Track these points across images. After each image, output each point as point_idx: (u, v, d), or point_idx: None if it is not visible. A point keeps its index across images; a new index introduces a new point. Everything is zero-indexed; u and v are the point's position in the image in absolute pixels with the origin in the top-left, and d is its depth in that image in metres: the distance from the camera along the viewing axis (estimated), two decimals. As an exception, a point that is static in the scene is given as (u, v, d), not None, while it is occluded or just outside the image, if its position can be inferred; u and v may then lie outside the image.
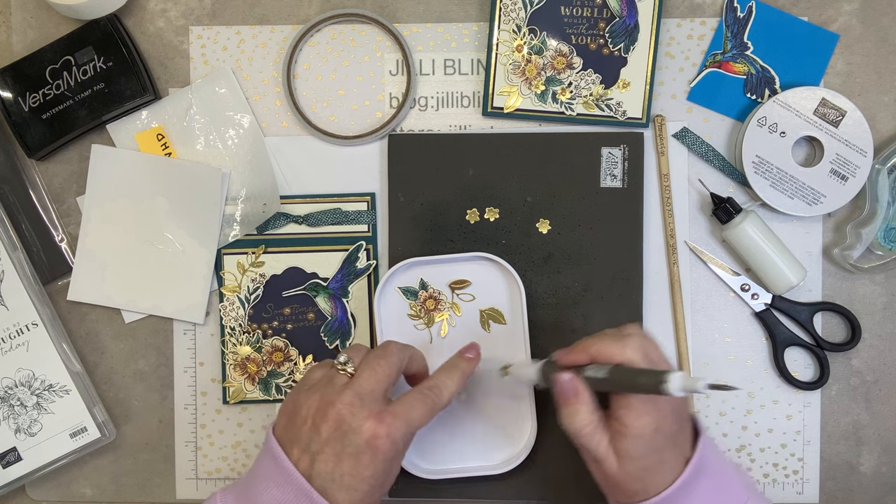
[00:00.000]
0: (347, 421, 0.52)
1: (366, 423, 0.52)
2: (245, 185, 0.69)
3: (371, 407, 0.53)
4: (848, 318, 0.68)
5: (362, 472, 0.52)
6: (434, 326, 0.67)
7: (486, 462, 0.67)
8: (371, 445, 0.52)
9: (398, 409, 0.53)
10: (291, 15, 0.70)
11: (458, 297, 0.67)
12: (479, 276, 0.67)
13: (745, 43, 0.68)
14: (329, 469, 0.52)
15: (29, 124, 0.67)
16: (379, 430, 0.52)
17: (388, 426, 0.52)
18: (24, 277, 0.68)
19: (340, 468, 0.51)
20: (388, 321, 0.67)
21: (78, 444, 0.68)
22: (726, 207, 0.66)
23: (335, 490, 0.51)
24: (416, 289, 0.67)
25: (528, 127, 0.69)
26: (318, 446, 0.52)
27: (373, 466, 0.52)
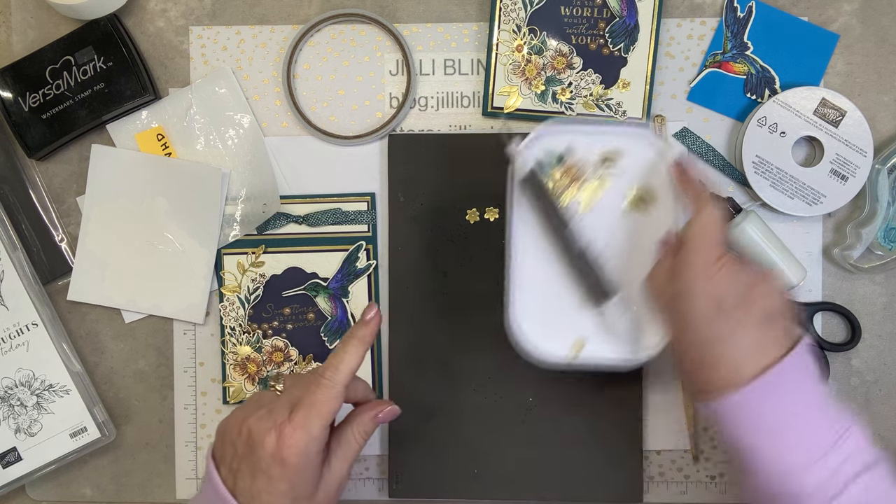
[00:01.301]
0: (254, 436, 0.51)
1: (267, 437, 0.50)
2: (245, 185, 0.69)
3: (274, 418, 0.51)
4: (848, 318, 0.68)
5: (277, 486, 0.50)
6: (574, 201, 0.62)
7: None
8: (278, 459, 0.50)
9: (296, 418, 0.51)
10: (291, 15, 0.70)
11: (606, 170, 0.62)
12: (631, 151, 0.62)
13: (745, 43, 0.68)
14: (247, 486, 0.51)
15: (29, 124, 0.67)
16: (281, 443, 0.50)
17: (288, 438, 0.50)
18: (24, 277, 0.68)
19: (256, 485, 0.50)
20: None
21: (78, 444, 0.68)
22: (726, 207, 0.66)
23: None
24: (560, 153, 0.62)
25: (528, 127, 0.69)
26: (237, 463, 0.52)
27: (286, 479, 0.50)
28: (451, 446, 0.68)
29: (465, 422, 0.68)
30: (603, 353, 0.61)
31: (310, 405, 0.51)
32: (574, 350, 0.61)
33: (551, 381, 0.67)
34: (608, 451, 0.67)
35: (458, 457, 0.68)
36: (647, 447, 0.69)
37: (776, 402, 0.51)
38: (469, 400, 0.67)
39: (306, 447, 0.50)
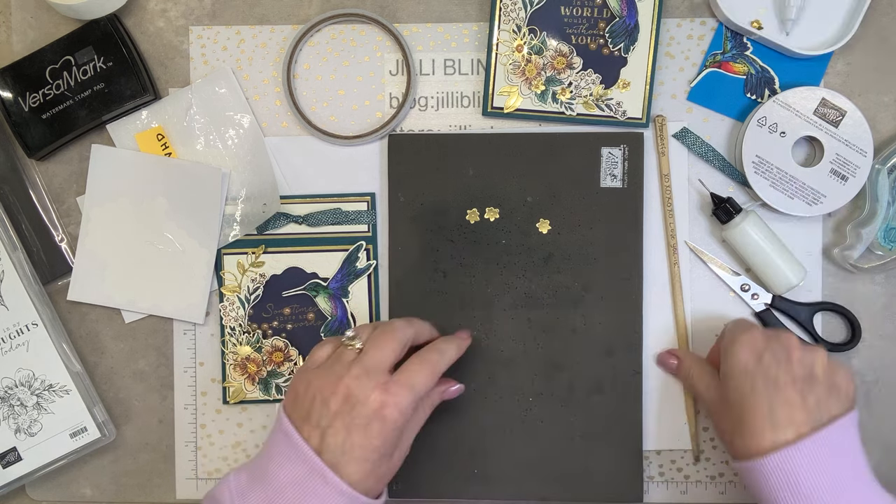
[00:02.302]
0: (355, 394, 0.54)
1: (372, 395, 0.54)
2: (245, 185, 0.69)
3: (377, 379, 0.55)
4: (848, 318, 0.68)
5: (372, 441, 0.54)
6: None
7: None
8: (379, 415, 0.54)
9: (402, 379, 0.56)
10: (291, 15, 0.70)
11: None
12: None
13: (744, 43, 0.68)
14: (339, 442, 0.53)
15: (29, 124, 0.67)
16: (386, 399, 0.54)
17: (394, 395, 0.54)
18: (24, 277, 0.68)
19: (351, 440, 0.53)
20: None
21: (78, 444, 0.68)
22: (726, 207, 0.66)
23: (346, 462, 0.53)
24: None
25: (528, 127, 0.69)
26: (328, 420, 0.54)
27: (382, 436, 0.54)
28: (451, 446, 0.67)
29: (465, 422, 0.68)
30: None
31: (412, 372, 0.57)
32: None
33: (552, 381, 0.67)
34: (608, 450, 0.67)
35: (458, 457, 0.68)
36: (647, 447, 0.69)
37: (816, 469, 0.51)
38: (469, 400, 0.67)
39: (406, 408, 0.55)
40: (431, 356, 0.59)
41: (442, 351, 0.60)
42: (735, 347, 0.58)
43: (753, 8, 0.67)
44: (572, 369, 0.67)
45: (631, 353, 0.67)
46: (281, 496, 0.53)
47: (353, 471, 0.53)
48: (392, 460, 0.57)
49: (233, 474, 0.56)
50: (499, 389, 0.68)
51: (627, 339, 0.67)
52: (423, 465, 0.67)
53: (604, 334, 0.67)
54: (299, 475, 0.53)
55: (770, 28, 0.67)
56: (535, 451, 0.67)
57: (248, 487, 0.54)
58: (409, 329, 0.60)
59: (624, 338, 0.67)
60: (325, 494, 0.53)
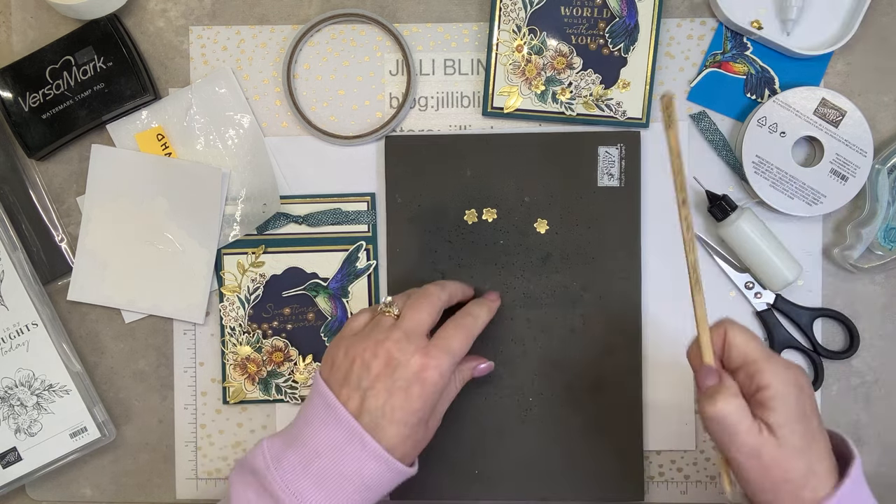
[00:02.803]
0: (396, 357, 0.55)
1: (413, 358, 0.55)
2: (245, 185, 0.69)
3: (417, 343, 0.56)
4: (847, 326, 0.68)
5: (412, 404, 0.55)
6: None
7: None
8: (420, 378, 0.55)
9: (440, 343, 0.57)
10: (291, 15, 0.70)
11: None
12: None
13: (744, 43, 0.68)
14: (380, 404, 0.54)
15: (29, 124, 0.67)
16: (426, 362, 0.55)
17: (435, 359, 0.56)
18: (24, 277, 0.68)
19: (391, 402, 0.54)
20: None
21: (78, 444, 0.68)
22: (721, 205, 0.66)
23: (386, 425, 0.54)
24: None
25: (528, 127, 0.69)
26: (369, 382, 0.55)
27: (422, 398, 0.55)
28: (452, 446, 0.67)
29: (465, 422, 0.68)
30: None
31: (449, 337, 0.58)
32: None
33: (552, 381, 0.67)
34: (608, 450, 0.67)
35: (459, 457, 0.68)
36: (647, 447, 0.69)
37: None
38: (469, 400, 0.67)
39: (446, 371, 0.56)
40: (466, 321, 0.60)
41: (475, 315, 0.61)
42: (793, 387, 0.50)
43: (753, 8, 0.67)
44: (572, 369, 0.67)
45: (631, 352, 0.67)
46: (317, 458, 0.54)
47: (393, 433, 0.54)
48: (428, 428, 0.58)
49: (266, 441, 0.56)
50: (499, 389, 0.68)
51: (627, 339, 0.67)
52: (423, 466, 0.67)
53: (603, 334, 0.67)
54: (337, 439, 0.54)
55: (770, 28, 0.67)
56: (535, 451, 0.67)
57: (283, 451, 0.55)
58: (443, 293, 0.61)
59: (623, 337, 0.67)
60: (362, 458, 0.54)
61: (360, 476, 0.54)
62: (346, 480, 0.54)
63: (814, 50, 0.66)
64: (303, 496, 0.53)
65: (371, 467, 0.54)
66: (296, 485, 0.53)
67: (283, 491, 0.53)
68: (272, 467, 0.54)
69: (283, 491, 0.53)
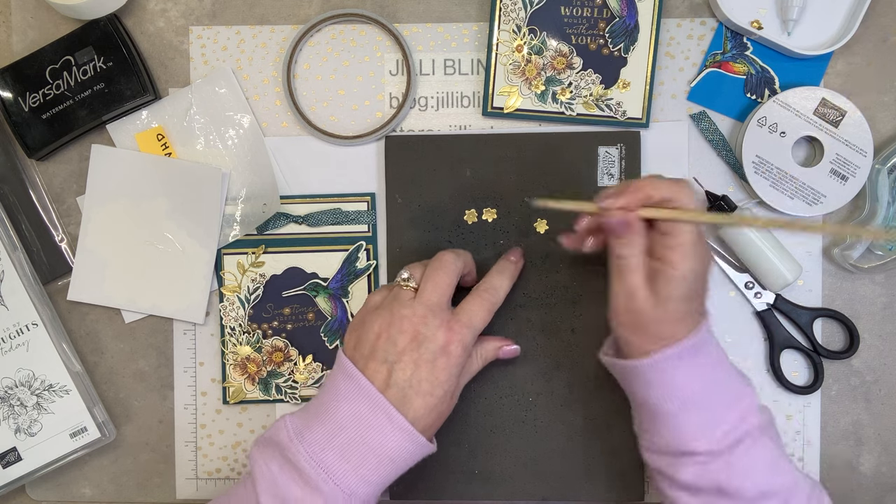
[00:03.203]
0: (422, 332, 0.57)
1: (438, 332, 0.57)
2: (245, 185, 0.69)
3: (441, 317, 0.57)
4: (847, 326, 0.68)
5: (438, 375, 0.56)
6: None
7: None
8: (445, 351, 0.57)
9: (463, 318, 0.58)
10: (291, 15, 0.70)
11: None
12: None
13: (744, 43, 0.68)
14: (407, 376, 0.56)
15: (29, 124, 0.67)
16: (451, 336, 0.57)
17: (458, 333, 0.57)
18: (24, 277, 0.68)
19: (418, 374, 0.56)
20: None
21: (78, 444, 0.68)
22: (721, 206, 0.66)
23: (412, 396, 0.55)
24: None
25: (527, 127, 0.69)
26: (396, 356, 0.56)
27: (447, 370, 0.56)
28: (452, 446, 0.67)
29: (465, 422, 0.68)
30: None
31: (472, 311, 0.59)
32: None
33: (551, 381, 0.67)
34: (609, 450, 0.67)
35: (459, 457, 0.68)
36: (647, 447, 0.69)
37: (693, 369, 0.55)
38: (469, 400, 0.67)
39: (469, 343, 0.58)
40: (487, 293, 0.61)
41: (496, 287, 0.62)
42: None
43: (753, 8, 0.67)
44: (572, 369, 0.67)
45: (631, 353, 0.67)
46: (342, 431, 0.54)
47: (420, 405, 0.55)
48: (451, 401, 0.59)
49: (288, 416, 0.57)
50: (499, 389, 0.68)
51: (627, 339, 0.67)
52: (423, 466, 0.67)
53: (603, 334, 0.67)
54: (362, 412, 0.55)
55: (770, 28, 0.67)
56: (535, 451, 0.67)
57: (306, 425, 0.55)
58: (459, 261, 0.61)
59: (624, 338, 0.67)
60: (387, 430, 0.55)
61: (384, 448, 0.54)
62: (371, 452, 0.54)
63: (814, 50, 0.66)
64: (328, 467, 0.53)
65: (396, 439, 0.55)
66: (321, 456, 0.54)
67: (307, 462, 0.53)
68: (296, 440, 0.54)
69: (307, 462, 0.53)
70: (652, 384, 0.55)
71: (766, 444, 0.55)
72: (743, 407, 0.55)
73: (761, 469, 0.55)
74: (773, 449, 0.56)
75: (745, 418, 0.55)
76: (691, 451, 0.54)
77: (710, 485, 0.55)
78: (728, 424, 0.55)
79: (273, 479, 0.54)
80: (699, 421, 0.55)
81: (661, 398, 0.55)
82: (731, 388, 0.56)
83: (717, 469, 0.54)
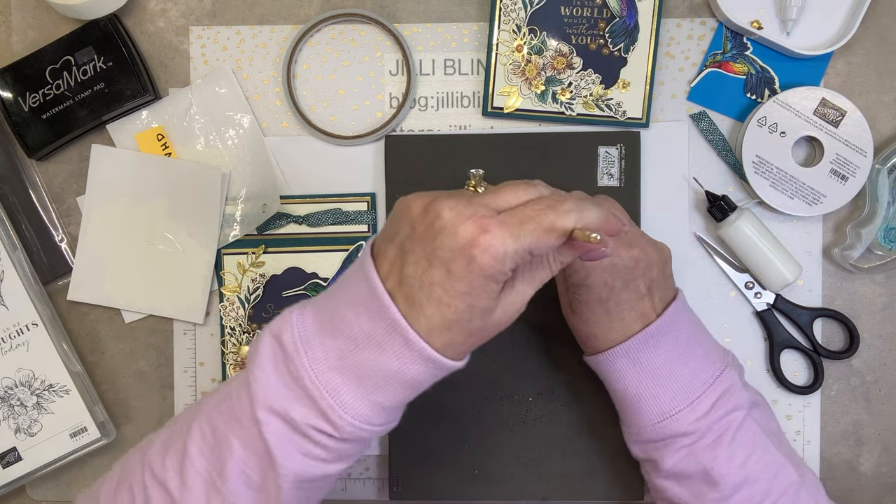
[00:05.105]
0: (444, 218, 0.44)
1: (463, 225, 0.43)
2: (245, 185, 0.69)
3: (477, 210, 0.44)
4: (847, 326, 0.68)
5: (455, 284, 0.43)
6: None
7: None
8: (466, 254, 0.43)
9: (509, 220, 0.43)
10: (291, 15, 0.70)
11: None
12: None
13: (744, 43, 0.68)
14: (418, 274, 0.44)
15: (29, 124, 0.67)
16: (477, 238, 0.42)
17: (491, 235, 0.42)
18: (24, 277, 0.68)
19: (430, 275, 0.44)
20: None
21: (78, 444, 0.68)
22: (721, 205, 0.66)
23: (425, 301, 0.44)
24: None
25: (528, 127, 0.69)
26: (411, 244, 0.45)
27: (467, 280, 0.43)
28: (452, 446, 0.67)
29: (465, 422, 0.68)
30: None
31: (533, 221, 0.44)
32: None
33: (551, 381, 0.67)
34: (609, 450, 0.67)
35: (459, 457, 0.68)
36: (647, 447, 0.69)
37: (655, 353, 0.56)
38: (469, 400, 0.67)
39: (504, 256, 0.43)
40: (564, 206, 0.44)
41: (581, 209, 0.45)
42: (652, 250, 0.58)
43: (753, 8, 0.67)
44: (572, 369, 0.67)
45: (631, 353, 0.67)
46: (357, 350, 0.46)
47: (433, 313, 0.44)
48: (491, 319, 0.46)
49: (295, 313, 0.48)
50: (499, 389, 0.68)
51: (627, 339, 0.67)
52: (423, 466, 0.67)
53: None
54: (377, 333, 0.45)
55: (770, 28, 0.67)
56: (535, 451, 0.67)
57: (315, 333, 0.47)
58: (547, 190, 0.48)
59: (624, 338, 0.67)
60: (407, 357, 0.45)
61: (390, 370, 0.46)
62: (383, 377, 0.46)
63: (814, 50, 0.66)
64: (338, 394, 0.46)
65: (418, 370, 0.46)
66: (327, 377, 0.46)
67: (311, 382, 0.46)
68: (301, 350, 0.47)
69: (311, 382, 0.46)
70: (614, 374, 0.57)
71: (750, 427, 0.56)
72: (722, 387, 0.56)
73: (743, 452, 0.55)
74: (757, 432, 0.56)
75: (725, 397, 0.55)
76: (671, 434, 0.55)
77: (695, 469, 0.55)
78: (704, 404, 0.55)
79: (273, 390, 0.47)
80: (670, 400, 0.55)
81: (628, 385, 0.57)
82: (702, 367, 0.57)
83: (700, 451, 0.55)
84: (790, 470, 0.55)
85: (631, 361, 0.57)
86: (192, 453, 0.49)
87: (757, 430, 0.56)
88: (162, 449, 0.50)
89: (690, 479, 0.56)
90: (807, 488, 0.56)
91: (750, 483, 0.54)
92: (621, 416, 0.61)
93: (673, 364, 0.56)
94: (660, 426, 0.56)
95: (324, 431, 0.47)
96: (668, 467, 0.56)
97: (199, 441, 0.49)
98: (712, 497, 0.55)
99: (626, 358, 0.57)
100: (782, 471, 0.55)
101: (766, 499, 0.54)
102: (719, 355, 0.58)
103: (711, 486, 0.55)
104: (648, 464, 0.59)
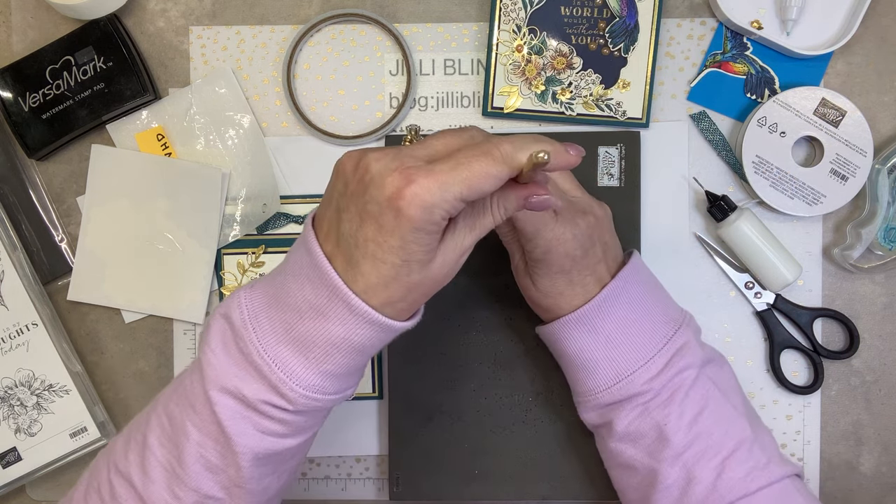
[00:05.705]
0: (372, 171, 0.43)
1: (389, 178, 0.42)
2: (245, 185, 0.69)
3: (405, 162, 0.42)
4: (847, 326, 0.68)
5: (387, 238, 0.43)
6: None
7: None
8: (392, 206, 0.42)
9: (438, 168, 0.42)
10: (291, 15, 0.70)
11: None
12: None
13: (744, 43, 0.68)
14: (353, 231, 0.44)
15: (29, 124, 0.67)
16: (404, 189, 0.41)
17: (416, 185, 0.41)
18: (24, 277, 0.68)
19: (364, 231, 0.43)
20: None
21: (78, 444, 0.68)
22: (721, 205, 0.66)
23: (360, 258, 0.43)
24: None
25: (528, 127, 0.69)
26: (345, 202, 0.44)
27: (397, 234, 0.42)
28: (452, 446, 0.67)
29: (465, 422, 0.68)
30: None
31: (463, 167, 0.42)
32: None
33: (552, 381, 0.67)
34: (608, 451, 0.67)
35: (459, 457, 0.68)
36: (647, 447, 0.69)
37: (610, 315, 0.56)
38: (469, 400, 0.67)
39: (432, 206, 0.42)
40: (498, 151, 0.43)
41: (518, 147, 0.43)
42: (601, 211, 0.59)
43: (753, 8, 0.67)
44: (572, 369, 0.67)
45: (631, 353, 0.67)
46: (301, 320, 0.46)
47: (369, 270, 0.43)
48: (429, 272, 0.45)
49: (245, 291, 0.48)
50: (499, 389, 0.68)
51: (627, 339, 0.67)
52: (423, 466, 0.67)
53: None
54: (320, 300, 0.45)
55: (770, 28, 0.67)
56: (535, 451, 0.67)
57: (263, 308, 0.47)
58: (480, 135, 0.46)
59: (624, 338, 0.67)
60: (351, 322, 0.45)
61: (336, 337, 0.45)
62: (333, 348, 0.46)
63: (814, 50, 0.66)
64: (287, 366, 0.46)
65: (363, 332, 0.45)
66: (276, 350, 0.46)
67: (259, 357, 0.46)
68: (250, 326, 0.47)
69: (259, 357, 0.46)
70: (571, 340, 0.57)
71: (704, 384, 0.55)
72: (676, 345, 0.56)
73: (694, 408, 0.54)
74: (711, 388, 0.56)
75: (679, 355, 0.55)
76: (626, 395, 0.55)
77: (649, 428, 0.55)
78: (658, 363, 0.55)
79: (223, 369, 0.47)
80: (625, 361, 0.55)
81: (584, 349, 0.57)
82: (657, 327, 0.56)
83: (654, 409, 0.55)
84: (743, 425, 0.55)
85: (587, 327, 0.56)
86: (152, 443, 0.49)
87: (710, 387, 0.55)
88: (125, 444, 0.51)
89: (644, 438, 0.55)
90: (760, 444, 0.55)
91: (702, 438, 0.54)
92: (574, 386, 0.59)
93: (628, 326, 0.56)
94: (616, 388, 0.55)
95: (277, 405, 0.47)
96: (622, 429, 0.56)
97: (158, 431, 0.50)
98: (666, 454, 0.54)
99: (581, 323, 0.56)
100: (734, 426, 0.55)
101: (717, 454, 0.54)
102: (675, 314, 0.58)
103: (664, 444, 0.54)
104: (603, 428, 0.58)
